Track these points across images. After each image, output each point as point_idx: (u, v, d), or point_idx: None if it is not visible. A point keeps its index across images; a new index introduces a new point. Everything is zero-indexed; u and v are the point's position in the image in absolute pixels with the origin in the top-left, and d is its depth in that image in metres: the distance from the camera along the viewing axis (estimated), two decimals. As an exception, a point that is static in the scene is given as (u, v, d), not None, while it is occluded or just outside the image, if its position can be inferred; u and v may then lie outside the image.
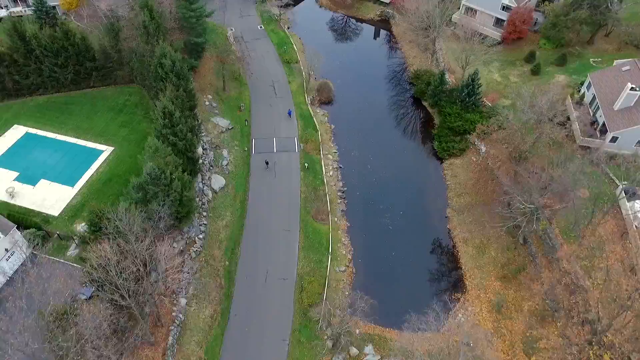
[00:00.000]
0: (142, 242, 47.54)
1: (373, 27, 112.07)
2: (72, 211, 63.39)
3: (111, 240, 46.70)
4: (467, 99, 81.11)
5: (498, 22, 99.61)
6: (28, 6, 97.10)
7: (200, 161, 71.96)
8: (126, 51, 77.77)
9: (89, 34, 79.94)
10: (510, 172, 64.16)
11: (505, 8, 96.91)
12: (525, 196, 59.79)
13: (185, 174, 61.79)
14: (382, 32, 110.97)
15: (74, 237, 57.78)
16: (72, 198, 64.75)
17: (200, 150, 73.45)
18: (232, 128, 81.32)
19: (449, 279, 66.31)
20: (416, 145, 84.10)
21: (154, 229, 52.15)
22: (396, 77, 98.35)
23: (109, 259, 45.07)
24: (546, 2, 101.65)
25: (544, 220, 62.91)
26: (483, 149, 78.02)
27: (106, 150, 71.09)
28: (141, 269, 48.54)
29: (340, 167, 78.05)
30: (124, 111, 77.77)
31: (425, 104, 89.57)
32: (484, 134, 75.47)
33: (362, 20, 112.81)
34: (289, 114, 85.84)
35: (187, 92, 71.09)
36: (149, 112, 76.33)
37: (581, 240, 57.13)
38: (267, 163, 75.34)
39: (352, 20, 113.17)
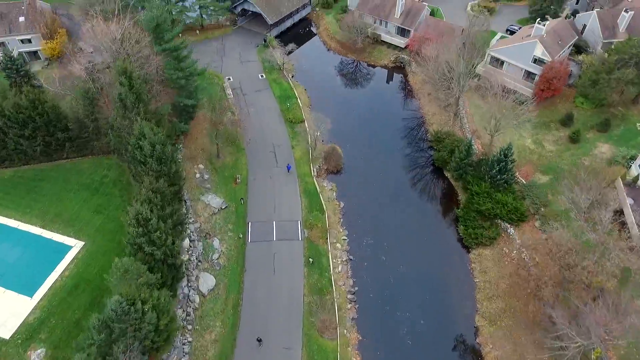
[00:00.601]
0: None
1: (386, 72, 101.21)
2: (28, 332, 52.54)
3: None
4: (498, 177, 69.91)
5: (528, 75, 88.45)
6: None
7: (187, 257, 61.30)
8: (103, 120, 67.34)
9: (62, 99, 69.43)
10: (559, 296, 52.85)
11: (537, 61, 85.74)
12: (579, 329, 48.54)
13: (165, 289, 51.17)
14: (397, 79, 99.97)
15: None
16: (29, 313, 53.87)
17: (186, 242, 62.76)
18: (226, 207, 70.43)
19: (481, 414, 55.09)
20: (438, 227, 72.70)
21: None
22: (413, 136, 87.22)
23: None
24: (584, 54, 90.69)
25: (598, 348, 51.62)
26: (517, 239, 66.82)
27: (75, 245, 60.28)
28: None
29: (351, 260, 66.93)
30: (101, 191, 67.04)
31: (447, 175, 78.37)
32: (519, 224, 64.42)
33: (374, 66, 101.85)
34: (288, 168, 75.72)
35: (172, 175, 60.56)
36: (128, 192, 65.98)
37: None
38: (259, 341, 56.74)
39: (363, 65, 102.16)
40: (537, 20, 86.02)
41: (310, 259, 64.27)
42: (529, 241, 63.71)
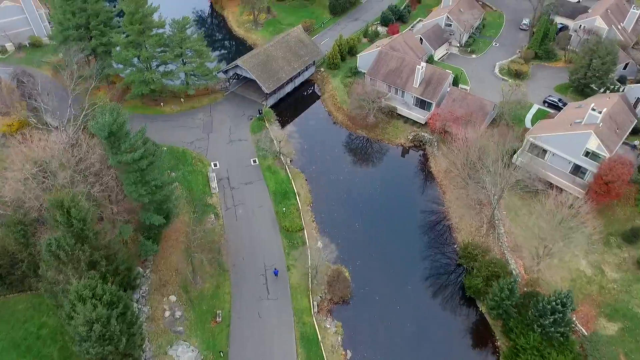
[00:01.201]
0: None
1: (404, 154, 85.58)
2: None
3: None
4: (553, 329, 53.73)
5: (578, 169, 72.54)
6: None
7: None
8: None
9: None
10: None
11: (589, 154, 69.90)
12: None
13: None
14: (416, 163, 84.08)
15: None
16: None
17: None
18: (201, 362, 54.72)
19: None
20: (473, 389, 56.47)
21: None
22: (436, 242, 71.00)
23: None
24: (643, 142, 74.91)
25: None
26: (581, 422, 50.55)
27: None
28: None
29: None
30: (34, 351, 51.48)
31: (482, 308, 62.29)
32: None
33: (389, 145, 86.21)
34: (275, 273, 62.20)
35: (123, 348, 45.02)
36: (69, 355, 50.46)
37: None
38: None
39: (376, 144, 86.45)
40: (592, 107, 69.96)
41: None
42: None
